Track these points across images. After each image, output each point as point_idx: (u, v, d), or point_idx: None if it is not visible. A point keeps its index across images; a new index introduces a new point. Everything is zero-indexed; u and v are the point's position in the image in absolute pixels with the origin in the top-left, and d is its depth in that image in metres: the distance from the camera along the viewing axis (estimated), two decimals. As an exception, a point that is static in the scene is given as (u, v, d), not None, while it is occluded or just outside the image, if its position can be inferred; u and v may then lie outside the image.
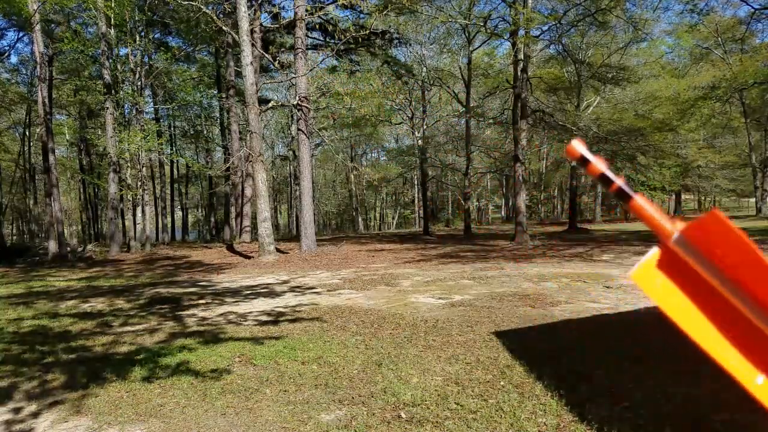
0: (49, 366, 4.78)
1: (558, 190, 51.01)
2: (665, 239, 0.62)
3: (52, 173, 19.93)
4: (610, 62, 26.08)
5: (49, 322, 7.00)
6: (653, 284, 0.64)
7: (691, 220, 0.60)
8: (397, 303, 7.64)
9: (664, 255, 0.64)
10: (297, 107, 16.88)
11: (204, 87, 29.78)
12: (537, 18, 17.86)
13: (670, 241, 0.62)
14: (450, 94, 29.46)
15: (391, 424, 3.20)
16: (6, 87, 30.14)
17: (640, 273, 0.64)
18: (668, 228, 0.62)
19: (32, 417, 3.59)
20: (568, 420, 3.15)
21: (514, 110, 20.18)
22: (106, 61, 20.01)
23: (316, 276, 11.72)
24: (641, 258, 0.64)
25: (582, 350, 4.69)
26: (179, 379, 4.25)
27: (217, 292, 9.70)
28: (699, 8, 20.75)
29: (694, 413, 3.19)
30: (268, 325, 6.35)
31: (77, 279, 12.88)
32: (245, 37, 15.41)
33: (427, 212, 30.41)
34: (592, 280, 9.30)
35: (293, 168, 34.45)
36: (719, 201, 51.61)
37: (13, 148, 34.75)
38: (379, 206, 54.14)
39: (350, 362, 4.57)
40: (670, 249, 0.63)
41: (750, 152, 34.33)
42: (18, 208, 38.51)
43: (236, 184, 24.90)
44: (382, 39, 23.69)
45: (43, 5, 18.37)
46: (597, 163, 0.63)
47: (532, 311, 6.65)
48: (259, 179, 16.10)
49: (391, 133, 43.66)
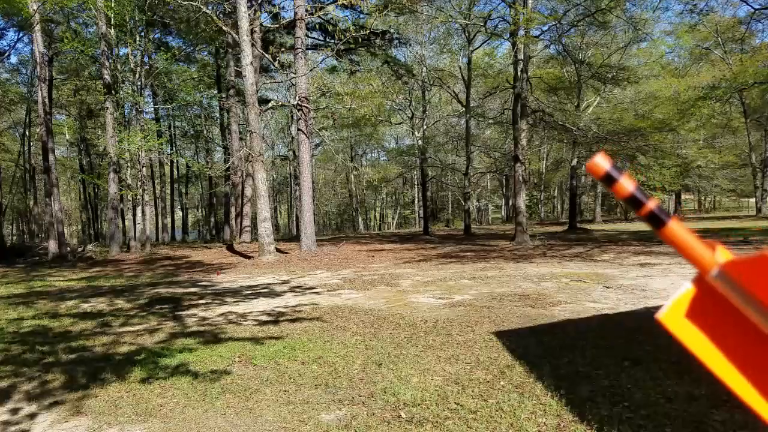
0: (49, 366, 4.78)
1: (558, 190, 51.01)
2: (703, 273, 0.54)
3: (52, 173, 19.93)
4: (610, 62, 26.08)
5: (50, 322, 7.00)
6: (686, 327, 0.56)
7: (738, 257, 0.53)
8: (397, 303, 7.64)
9: (699, 291, 0.56)
10: (297, 107, 16.88)
11: (204, 87, 29.81)
12: (537, 18, 17.86)
13: (708, 275, 0.54)
14: (450, 94, 29.48)
15: (391, 424, 3.20)
16: (6, 87, 30.14)
17: (671, 314, 0.56)
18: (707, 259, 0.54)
19: (32, 417, 3.59)
20: (568, 420, 3.15)
21: (514, 110, 20.17)
22: (106, 61, 20.00)
23: (316, 276, 11.72)
24: (672, 296, 0.56)
25: (582, 350, 4.69)
26: (179, 379, 4.25)
27: (217, 292, 9.70)
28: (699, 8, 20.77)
29: (694, 413, 3.19)
30: (268, 325, 6.35)
31: (77, 279, 12.88)
32: (245, 37, 15.41)
33: (427, 212, 30.41)
34: (592, 280, 9.30)
35: (293, 168, 34.45)
36: (719, 201, 51.61)
37: (13, 148, 34.74)
38: (379, 206, 54.13)
39: (350, 362, 4.57)
40: (706, 285, 0.55)
41: (750, 152, 34.32)
42: (18, 208, 38.50)
43: (236, 184, 24.90)
44: (382, 39, 23.67)
45: (43, 5, 18.37)
46: (625, 182, 0.54)
47: (532, 311, 6.65)
48: (259, 179, 16.10)
49: (391, 133, 43.67)
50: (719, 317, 0.57)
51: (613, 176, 0.55)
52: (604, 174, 0.55)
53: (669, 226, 0.55)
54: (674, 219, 0.55)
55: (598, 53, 27.06)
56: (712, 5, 24.90)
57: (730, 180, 41.35)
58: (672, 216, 0.56)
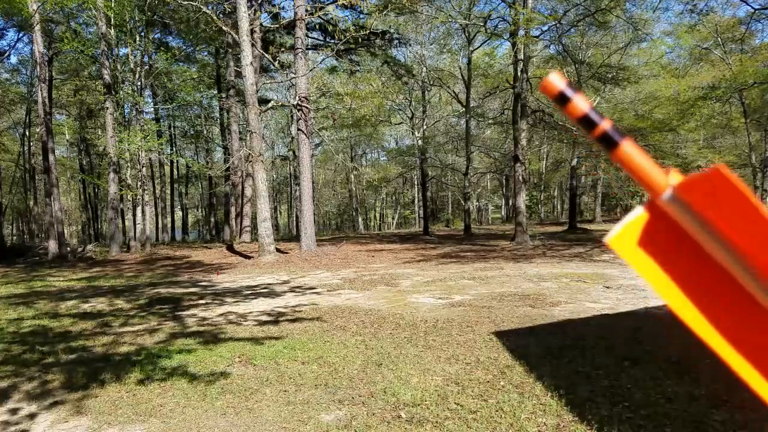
0: (49, 366, 4.78)
1: (558, 190, 51.00)
2: (655, 196, 0.52)
3: (52, 173, 19.93)
4: (610, 62, 26.08)
5: (50, 322, 7.00)
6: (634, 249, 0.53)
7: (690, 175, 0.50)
8: (397, 303, 7.64)
9: (652, 216, 0.53)
10: (297, 107, 16.88)
11: (204, 87, 29.79)
12: (537, 18, 17.86)
13: (660, 198, 0.52)
14: (450, 94, 29.47)
15: (391, 424, 3.20)
16: (6, 87, 30.13)
17: (620, 238, 0.53)
18: (660, 182, 0.51)
19: (32, 417, 3.59)
20: (568, 420, 3.15)
21: (514, 110, 20.17)
22: (106, 61, 20.00)
23: (316, 276, 11.72)
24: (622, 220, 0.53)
25: (582, 350, 4.69)
26: (179, 379, 4.25)
27: (217, 292, 9.70)
28: (699, 8, 20.77)
29: (694, 413, 3.19)
30: (268, 325, 6.35)
31: (77, 279, 12.88)
32: (245, 37, 15.41)
33: (427, 212, 30.41)
34: (592, 280, 9.30)
35: (293, 168, 34.45)
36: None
37: (13, 148, 34.73)
38: (379, 206, 54.12)
39: (350, 362, 4.57)
40: (659, 208, 0.52)
41: (750, 152, 34.31)
42: (18, 208, 38.50)
43: (236, 184, 24.90)
44: (382, 39, 23.67)
45: (43, 5, 18.37)
46: (579, 102, 0.51)
47: (532, 311, 6.65)
48: (259, 179, 16.10)
49: (391, 133, 43.66)
50: (671, 244, 0.54)
51: (566, 95, 0.52)
52: (558, 93, 0.52)
53: (621, 147, 0.52)
54: (627, 140, 0.53)
55: (598, 53, 27.07)
56: (712, 5, 24.93)
57: (730, 180, 41.26)
58: (625, 137, 0.53)
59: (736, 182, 0.47)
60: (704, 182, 0.49)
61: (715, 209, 0.50)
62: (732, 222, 0.50)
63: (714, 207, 0.50)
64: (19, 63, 32.34)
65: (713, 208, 0.50)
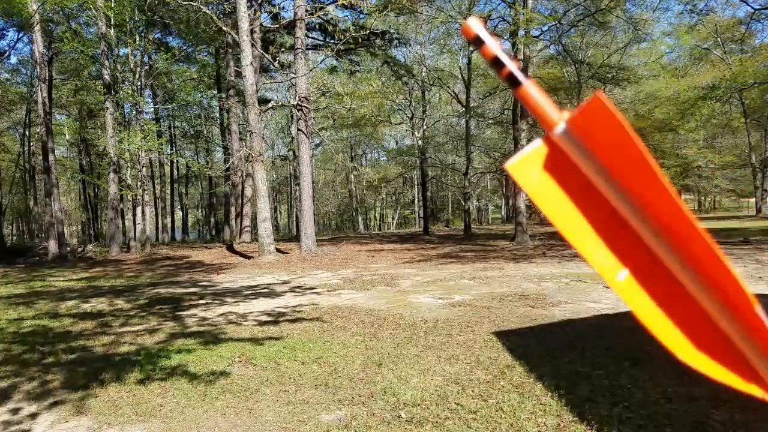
0: (49, 366, 4.78)
1: (558, 190, 50.89)
2: (549, 131, 0.56)
3: (52, 173, 19.93)
4: (610, 62, 26.10)
5: (50, 322, 7.00)
6: (529, 176, 0.57)
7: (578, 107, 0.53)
8: (397, 303, 7.64)
9: (547, 148, 0.57)
10: (297, 107, 16.88)
11: (204, 87, 29.79)
12: (537, 18, 17.86)
13: (552, 132, 0.56)
14: (450, 94, 29.48)
15: (391, 424, 3.20)
16: (6, 87, 30.13)
17: (518, 165, 0.57)
18: (554, 117, 0.55)
19: (33, 417, 3.59)
20: (568, 420, 3.15)
21: (514, 110, 20.18)
22: (106, 61, 20.01)
23: (316, 276, 11.72)
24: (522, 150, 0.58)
25: (582, 350, 4.69)
26: (179, 379, 4.25)
27: (217, 292, 9.71)
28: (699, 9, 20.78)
29: (694, 413, 3.19)
30: (268, 325, 6.35)
31: (78, 279, 12.89)
32: (245, 38, 15.41)
33: (427, 212, 30.42)
34: (592, 280, 9.30)
35: (293, 168, 34.44)
36: (719, 201, 51.61)
37: (13, 148, 34.74)
38: (379, 206, 54.14)
39: (350, 362, 4.57)
40: (553, 142, 0.56)
41: (750, 152, 34.31)
42: (18, 208, 38.51)
43: (236, 184, 24.91)
44: (381, 39, 23.68)
45: (43, 5, 18.37)
46: (492, 45, 0.57)
47: (532, 311, 6.65)
48: (259, 179, 16.11)
49: (391, 133, 43.67)
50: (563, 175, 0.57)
51: (481, 38, 0.57)
52: (474, 36, 0.57)
53: (524, 86, 0.57)
54: (530, 80, 0.58)
55: (598, 53, 27.09)
56: (712, 5, 24.94)
57: (730, 180, 41.35)
58: (529, 78, 0.58)
59: (612, 109, 0.49)
60: (586, 112, 0.52)
61: (595, 139, 0.54)
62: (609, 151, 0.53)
63: (594, 137, 0.54)
64: (19, 63, 32.35)
65: (593, 138, 0.54)
